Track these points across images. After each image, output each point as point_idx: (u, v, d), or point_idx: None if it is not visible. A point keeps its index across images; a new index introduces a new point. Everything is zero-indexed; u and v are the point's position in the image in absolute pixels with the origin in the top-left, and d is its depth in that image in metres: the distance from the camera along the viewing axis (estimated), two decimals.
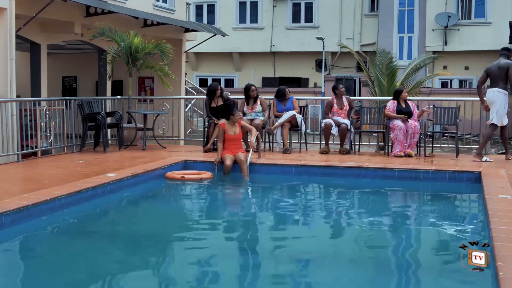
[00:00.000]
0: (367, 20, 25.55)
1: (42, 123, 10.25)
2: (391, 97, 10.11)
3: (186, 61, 18.76)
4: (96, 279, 4.53)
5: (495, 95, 9.13)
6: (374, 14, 25.38)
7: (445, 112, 10.14)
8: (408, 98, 10.08)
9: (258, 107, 10.36)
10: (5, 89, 9.46)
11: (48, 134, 10.40)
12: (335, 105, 10.24)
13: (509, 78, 9.02)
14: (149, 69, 11.55)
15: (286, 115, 10.16)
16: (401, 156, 9.46)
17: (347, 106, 10.28)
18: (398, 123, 9.59)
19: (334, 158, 9.42)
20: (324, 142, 10.18)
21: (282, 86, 10.83)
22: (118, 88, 15.29)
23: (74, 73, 17.29)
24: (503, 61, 9.11)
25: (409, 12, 24.35)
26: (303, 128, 10.34)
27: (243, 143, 9.58)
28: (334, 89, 10.45)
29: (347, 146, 10.12)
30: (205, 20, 26.53)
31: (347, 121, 10.09)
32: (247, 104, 10.37)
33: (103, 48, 13.16)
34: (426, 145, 10.10)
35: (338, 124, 10.00)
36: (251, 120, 10.06)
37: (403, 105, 9.80)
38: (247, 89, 10.40)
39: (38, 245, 5.49)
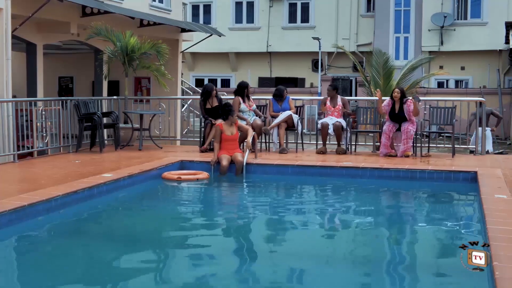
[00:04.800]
0: (363, 20, 25.56)
1: (38, 124, 10.22)
2: (388, 97, 10.09)
3: (182, 61, 18.72)
4: (92, 280, 4.52)
5: None
6: (370, 14, 25.38)
7: (441, 112, 10.15)
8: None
9: (254, 104, 10.40)
10: (1, 89, 9.44)
11: (44, 135, 10.37)
12: (328, 102, 10.26)
13: None
14: (146, 69, 11.53)
15: (283, 115, 10.15)
16: (390, 156, 9.51)
17: (341, 105, 10.28)
18: (385, 126, 9.63)
19: (330, 158, 9.43)
20: (321, 142, 10.19)
21: (281, 86, 10.78)
22: (114, 88, 15.25)
23: (70, 73, 17.24)
24: None
25: (405, 12, 24.36)
26: (299, 128, 10.33)
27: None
28: (330, 87, 10.57)
29: (343, 146, 10.12)
30: (201, 20, 26.51)
31: (341, 120, 10.09)
32: (243, 102, 10.33)
33: (99, 48, 13.12)
34: (422, 145, 10.12)
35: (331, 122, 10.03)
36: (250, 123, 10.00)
37: (397, 108, 9.62)
38: (245, 87, 10.36)
39: (35, 246, 5.48)
